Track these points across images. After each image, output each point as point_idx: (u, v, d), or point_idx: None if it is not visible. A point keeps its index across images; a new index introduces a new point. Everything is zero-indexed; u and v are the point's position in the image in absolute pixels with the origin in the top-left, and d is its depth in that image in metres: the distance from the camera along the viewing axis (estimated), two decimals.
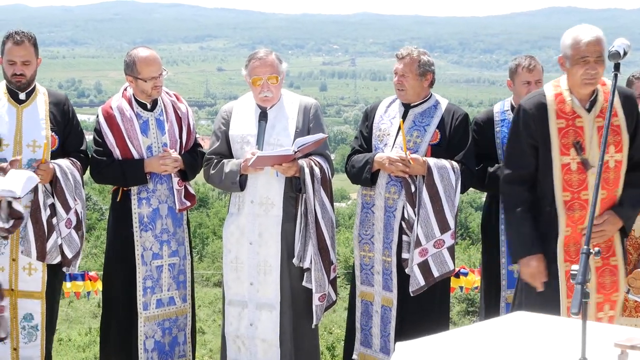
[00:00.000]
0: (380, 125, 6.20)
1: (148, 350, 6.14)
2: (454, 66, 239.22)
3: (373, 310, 6.19)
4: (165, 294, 6.18)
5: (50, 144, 5.88)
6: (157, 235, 6.14)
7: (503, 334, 4.00)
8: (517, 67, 6.36)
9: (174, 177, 6.11)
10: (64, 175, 5.82)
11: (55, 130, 5.95)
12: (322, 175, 5.93)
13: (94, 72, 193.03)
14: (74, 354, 10.22)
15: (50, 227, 5.79)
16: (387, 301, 6.11)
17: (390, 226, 6.05)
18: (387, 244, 6.07)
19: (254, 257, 6.03)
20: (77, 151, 6.08)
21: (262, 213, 6.00)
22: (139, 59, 6.00)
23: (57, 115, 5.99)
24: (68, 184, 5.82)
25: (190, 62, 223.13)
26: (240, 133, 6.06)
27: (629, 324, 5.96)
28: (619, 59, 4.16)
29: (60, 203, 5.81)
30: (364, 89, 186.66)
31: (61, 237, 5.83)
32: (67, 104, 6.10)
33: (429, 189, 5.86)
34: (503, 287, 6.36)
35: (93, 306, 13.88)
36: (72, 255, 5.90)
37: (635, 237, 6.14)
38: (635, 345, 3.45)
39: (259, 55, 6.02)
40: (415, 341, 3.90)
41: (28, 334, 5.93)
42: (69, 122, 6.05)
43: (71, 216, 5.87)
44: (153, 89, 6.04)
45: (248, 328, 6.06)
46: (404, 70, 6.06)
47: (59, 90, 6.35)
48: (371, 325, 6.21)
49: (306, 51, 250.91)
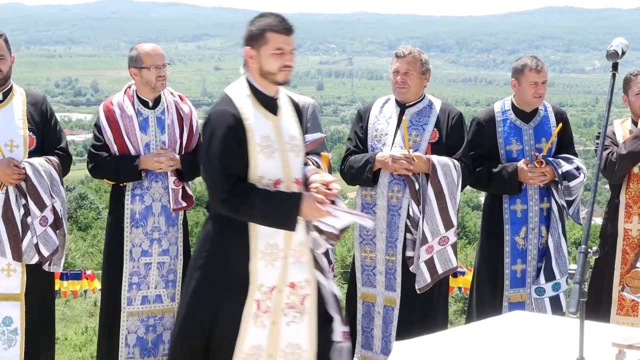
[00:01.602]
0: (376, 126, 6.20)
1: (129, 346, 6.11)
2: (451, 65, 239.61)
3: (375, 312, 6.18)
4: (152, 291, 6.16)
5: (29, 144, 5.85)
6: (148, 232, 6.11)
7: (501, 334, 4.00)
8: (523, 67, 6.30)
9: (170, 176, 6.09)
10: (37, 173, 5.76)
11: (33, 130, 5.91)
12: None
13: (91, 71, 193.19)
14: (70, 353, 10.25)
15: (25, 226, 5.74)
16: (389, 301, 6.10)
17: (395, 225, 6.05)
18: (391, 242, 6.06)
19: None
20: (56, 150, 6.03)
21: None
22: (143, 50, 6.04)
23: (35, 115, 5.93)
24: (42, 181, 5.77)
25: (187, 61, 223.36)
26: None
27: (626, 322, 5.97)
28: (617, 58, 4.15)
29: (33, 201, 5.75)
30: (361, 88, 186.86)
31: (36, 235, 5.79)
32: (45, 104, 6.06)
33: (434, 186, 5.87)
34: (506, 286, 6.34)
35: (89, 305, 13.89)
36: (49, 254, 5.84)
37: (632, 236, 6.15)
38: (632, 345, 3.45)
39: None
40: (413, 340, 3.90)
41: (8, 339, 5.84)
42: (47, 121, 6.00)
43: (46, 214, 5.80)
44: (157, 79, 6.03)
45: None
46: (407, 68, 6.05)
47: (37, 91, 6.27)
48: (372, 326, 6.20)
49: (303, 50, 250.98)
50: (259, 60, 4.62)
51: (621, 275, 6.13)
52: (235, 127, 4.54)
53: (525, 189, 6.27)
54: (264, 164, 4.58)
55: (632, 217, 6.16)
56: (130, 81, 6.20)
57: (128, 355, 6.12)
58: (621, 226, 6.18)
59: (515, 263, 6.29)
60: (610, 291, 6.20)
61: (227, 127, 4.54)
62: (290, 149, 4.71)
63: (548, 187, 6.27)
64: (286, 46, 4.61)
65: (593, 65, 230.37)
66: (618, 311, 6.18)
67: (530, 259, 6.29)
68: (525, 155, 6.28)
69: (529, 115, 6.36)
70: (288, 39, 4.63)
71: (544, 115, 6.37)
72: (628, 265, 6.10)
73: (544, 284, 6.20)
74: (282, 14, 4.73)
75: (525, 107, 6.35)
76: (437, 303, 6.11)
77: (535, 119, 6.35)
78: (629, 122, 6.28)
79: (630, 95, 6.18)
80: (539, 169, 6.17)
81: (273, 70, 4.61)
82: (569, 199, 6.22)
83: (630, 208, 6.16)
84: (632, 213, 6.16)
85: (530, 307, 6.24)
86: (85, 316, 13.43)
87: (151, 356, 6.19)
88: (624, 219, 6.18)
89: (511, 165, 6.24)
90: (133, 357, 6.14)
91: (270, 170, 4.60)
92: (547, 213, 6.28)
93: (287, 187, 4.65)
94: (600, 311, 6.13)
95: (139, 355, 6.14)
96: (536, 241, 6.30)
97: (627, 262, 6.13)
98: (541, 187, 6.26)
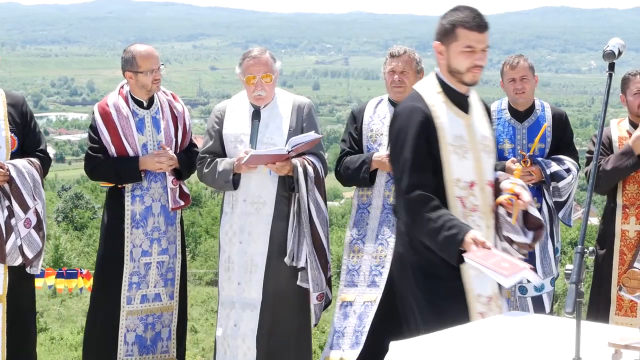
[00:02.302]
0: (371, 127, 6.20)
1: (128, 343, 6.13)
2: None
3: (351, 311, 6.14)
4: (151, 290, 6.17)
5: (10, 145, 5.84)
6: (148, 232, 6.12)
7: (497, 333, 4.00)
8: (503, 66, 6.41)
9: (168, 176, 6.10)
10: (21, 175, 5.74)
11: (15, 131, 5.90)
12: (315, 174, 5.91)
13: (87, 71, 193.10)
14: (66, 352, 10.23)
15: (9, 228, 5.73)
16: (370, 298, 6.07)
17: (389, 222, 6.03)
18: (383, 239, 6.05)
19: (242, 257, 6.00)
20: (36, 151, 6.02)
21: (254, 212, 5.97)
22: (138, 54, 6.01)
23: (16, 116, 5.91)
24: (25, 183, 5.75)
25: (183, 61, 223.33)
26: (234, 132, 6.04)
27: (624, 323, 5.97)
28: (614, 58, 4.14)
29: (17, 203, 5.74)
30: (357, 87, 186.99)
31: (20, 237, 5.77)
32: (25, 105, 6.03)
33: None
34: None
35: (85, 305, 13.86)
36: (33, 256, 5.83)
37: (629, 237, 6.15)
38: (629, 345, 3.44)
39: (253, 53, 6.01)
40: (409, 340, 3.89)
41: None
42: (27, 123, 5.98)
43: (30, 216, 5.79)
44: (153, 82, 6.04)
45: (232, 329, 6.01)
46: (404, 68, 6.05)
47: (16, 92, 6.23)
48: (346, 325, 6.16)
49: (299, 50, 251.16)
50: (447, 56, 4.41)
51: (619, 275, 6.13)
52: (426, 125, 4.34)
53: None
54: (458, 166, 4.39)
55: (630, 218, 6.16)
56: (123, 81, 6.18)
57: (127, 352, 6.12)
58: (618, 227, 6.18)
59: None
60: (608, 292, 6.21)
61: (418, 123, 4.35)
62: (482, 149, 4.51)
63: (539, 188, 6.28)
64: (477, 44, 4.36)
65: (589, 66, 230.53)
66: (617, 312, 6.18)
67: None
68: (516, 155, 6.30)
69: (523, 114, 6.38)
70: (480, 37, 4.37)
71: (540, 115, 6.39)
72: (626, 266, 6.10)
73: (527, 284, 6.21)
74: (477, 9, 4.42)
75: (516, 106, 6.38)
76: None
77: (530, 119, 6.37)
78: (626, 122, 6.28)
79: (628, 95, 6.18)
80: (525, 168, 6.18)
81: (461, 69, 4.39)
82: (559, 199, 6.24)
83: (627, 209, 6.16)
84: (629, 214, 6.16)
85: (514, 304, 6.25)
86: (81, 316, 13.41)
87: (150, 353, 6.21)
88: (621, 220, 6.18)
89: (500, 164, 6.26)
90: (132, 354, 6.15)
91: (464, 172, 4.41)
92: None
93: (481, 189, 4.47)
94: (599, 312, 6.14)
95: (138, 353, 6.16)
96: None
97: (625, 263, 6.13)
98: (531, 187, 6.27)
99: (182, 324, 6.38)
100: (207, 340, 10.55)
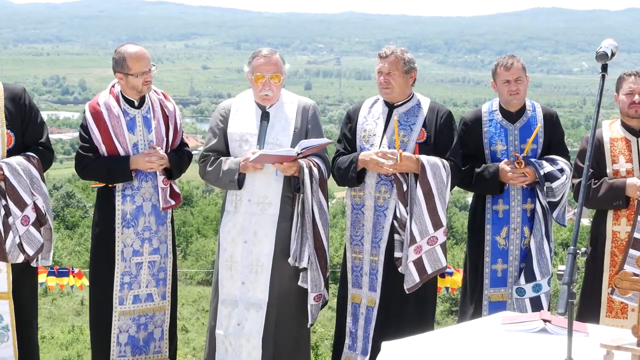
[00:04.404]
0: (364, 127, 6.19)
1: (121, 344, 6.13)
2: (439, 66, 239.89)
3: (359, 312, 6.18)
4: (143, 290, 6.16)
5: (6, 143, 5.82)
6: (139, 232, 6.11)
7: (489, 334, 4.00)
8: (496, 67, 6.38)
9: (159, 175, 6.09)
10: (15, 173, 5.72)
11: (11, 127, 5.87)
12: (320, 176, 5.93)
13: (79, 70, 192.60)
14: (57, 351, 10.21)
15: (7, 227, 5.72)
16: (371, 302, 6.10)
17: (380, 225, 6.05)
18: (375, 243, 6.07)
19: (247, 256, 6.02)
20: (37, 144, 5.98)
21: (259, 212, 5.99)
22: (129, 55, 5.97)
23: (14, 111, 5.86)
24: (21, 180, 5.73)
25: (175, 60, 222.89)
26: (240, 131, 6.04)
27: (615, 325, 5.98)
28: (607, 60, 4.15)
29: (13, 202, 5.72)
30: (349, 88, 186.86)
31: (19, 235, 5.76)
32: (24, 97, 5.96)
33: (423, 186, 5.87)
34: (486, 285, 6.37)
35: (76, 304, 13.86)
36: (34, 252, 5.82)
37: (620, 238, 6.16)
38: (620, 346, 3.45)
39: (263, 52, 6.03)
40: (401, 341, 3.90)
41: (0, 335, 5.88)
42: (27, 115, 5.94)
43: (28, 213, 5.77)
44: (144, 84, 6.01)
45: (235, 328, 6.04)
46: (389, 69, 6.05)
47: (16, 84, 6.17)
48: (357, 327, 6.20)
49: (291, 50, 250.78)
50: None
51: (610, 277, 6.14)
52: None
53: (507, 189, 6.29)
54: None
55: (620, 219, 6.17)
56: (114, 80, 6.16)
57: (120, 353, 6.12)
58: (609, 229, 6.19)
59: (496, 262, 6.33)
60: (599, 294, 6.21)
61: None
62: None
63: (533, 188, 6.28)
64: None
65: (581, 67, 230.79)
66: (607, 314, 6.19)
67: (512, 259, 6.31)
68: (509, 156, 6.30)
69: (515, 115, 6.38)
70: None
71: (532, 115, 6.38)
72: (617, 268, 6.11)
73: (524, 285, 6.22)
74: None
75: (509, 107, 6.38)
76: (423, 303, 6.11)
77: (521, 120, 6.37)
78: (618, 123, 6.29)
79: (621, 94, 6.20)
80: (519, 170, 6.19)
81: None
82: (553, 200, 6.24)
83: (618, 211, 6.17)
84: (620, 215, 6.17)
85: (512, 307, 6.25)
86: (72, 315, 13.38)
87: (142, 354, 6.22)
88: (612, 222, 6.19)
89: (493, 166, 6.27)
90: (125, 355, 6.15)
91: None
92: (531, 214, 6.30)
93: None
94: (590, 314, 6.15)
95: (131, 354, 6.16)
96: (518, 242, 6.31)
97: (616, 265, 6.14)
98: (525, 188, 6.28)
99: (172, 323, 6.38)
100: (198, 340, 10.54)
